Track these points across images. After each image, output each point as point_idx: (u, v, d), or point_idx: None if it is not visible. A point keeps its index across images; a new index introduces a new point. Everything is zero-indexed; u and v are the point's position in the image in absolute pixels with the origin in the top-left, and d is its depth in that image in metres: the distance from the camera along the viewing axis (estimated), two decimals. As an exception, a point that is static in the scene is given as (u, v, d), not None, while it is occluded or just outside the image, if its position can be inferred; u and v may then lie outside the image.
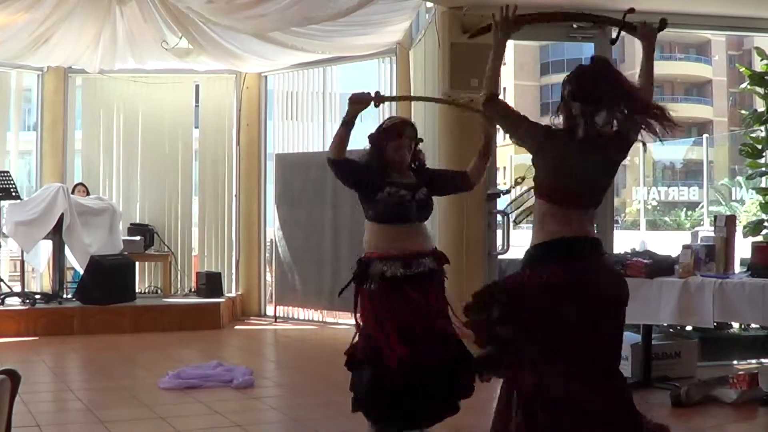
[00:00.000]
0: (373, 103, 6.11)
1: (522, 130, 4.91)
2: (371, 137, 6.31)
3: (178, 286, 14.30)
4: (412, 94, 11.78)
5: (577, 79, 4.81)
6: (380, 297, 6.15)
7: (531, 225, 4.93)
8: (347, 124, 6.05)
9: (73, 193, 13.17)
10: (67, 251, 12.86)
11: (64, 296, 12.81)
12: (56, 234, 12.50)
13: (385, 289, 6.13)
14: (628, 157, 5.57)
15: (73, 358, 10.70)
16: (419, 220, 6.26)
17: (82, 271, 12.80)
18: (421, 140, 6.45)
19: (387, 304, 6.11)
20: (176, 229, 14.67)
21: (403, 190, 6.16)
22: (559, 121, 4.81)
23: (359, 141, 6.36)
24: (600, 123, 4.65)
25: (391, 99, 6.29)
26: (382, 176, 6.19)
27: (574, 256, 4.66)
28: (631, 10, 5.36)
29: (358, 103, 6.04)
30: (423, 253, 6.21)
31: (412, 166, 6.38)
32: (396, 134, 6.22)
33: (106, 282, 12.41)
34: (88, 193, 13.72)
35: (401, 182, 6.20)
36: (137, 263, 13.63)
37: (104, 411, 7.32)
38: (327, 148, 6.56)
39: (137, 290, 13.48)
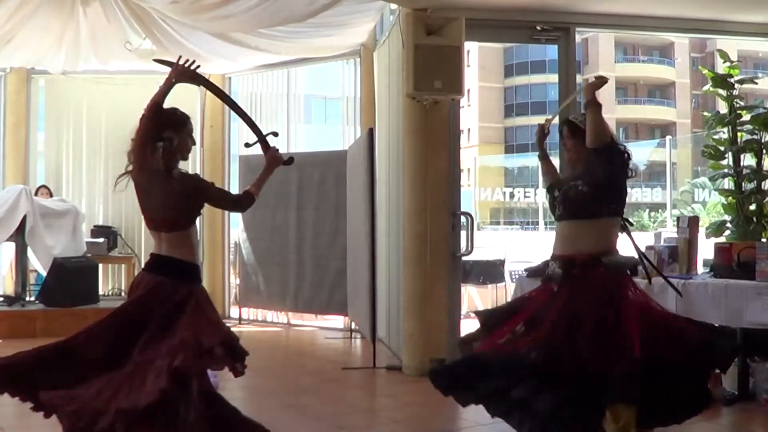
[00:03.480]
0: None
1: None
2: None
3: (142, 288, 14.18)
4: (375, 95, 11.82)
5: None
6: None
7: (496, 227, 5.10)
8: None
9: (36, 195, 13.10)
10: (30, 253, 12.78)
11: (27, 299, 12.74)
12: (19, 236, 12.43)
13: None
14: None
15: (36, 361, 10.62)
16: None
17: (45, 274, 12.72)
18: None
19: None
20: (139, 231, 14.57)
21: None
22: None
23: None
24: None
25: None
26: None
27: None
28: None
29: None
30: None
31: None
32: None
33: (70, 284, 12.35)
34: (51, 195, 13.63)
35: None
36: (100, 265, 13.58)
37: (67, 414, 7.28)
38: (290, 150, 6.67)
39: (101, 292, 13.42)
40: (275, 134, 6.34)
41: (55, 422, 7.00)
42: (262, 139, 6.16)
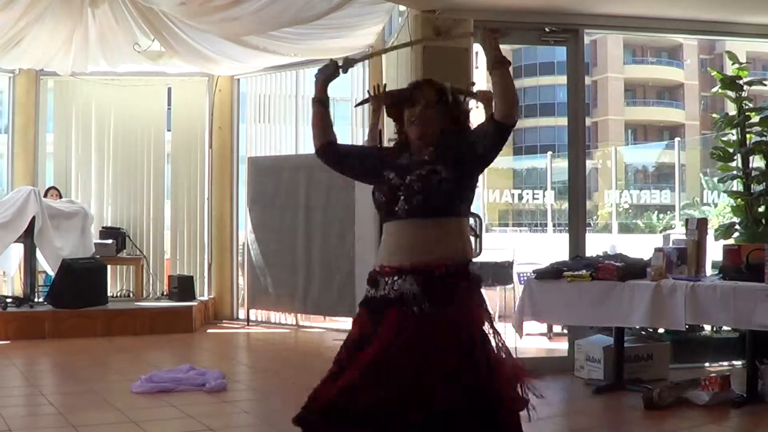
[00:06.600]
0: (341, 69, 4.89)
1: None
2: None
3: (150, 289, 14.22)
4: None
5: None
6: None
7: (504, 229, 4.91)
8: (318, 101, 4.86)
9: (45, 196, 13.11)
10: (39, 255, 12.80)
11: (36, 300, 12.75)
12: (28, 237, 12.44)
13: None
14: (599, 161, 5.51)
15: (45, 362, 10.64)
16: (408, 215, 4.51)
17: (53, 275, 12.74)
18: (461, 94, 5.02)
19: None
20: (148, 233, 14.62)
21: (393, 173, 4.63)
22: None
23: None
24: None
25: (359, 60, 5.64)
26: (379, 159, 4.79)
27: None
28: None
29: (323, 73, 4.83)
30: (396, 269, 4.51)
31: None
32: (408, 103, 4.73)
33: (78, 285, 12.37)
34: (60, 197, 13.65)
35: (401, 163, 4.65)
36: (109, 267, 13.58)
37: (76, 415, 7.28)
38: (299, 152, 6.45)
39: (109, 294, 13.43)
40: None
41: (62, 424, 7.01)
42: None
